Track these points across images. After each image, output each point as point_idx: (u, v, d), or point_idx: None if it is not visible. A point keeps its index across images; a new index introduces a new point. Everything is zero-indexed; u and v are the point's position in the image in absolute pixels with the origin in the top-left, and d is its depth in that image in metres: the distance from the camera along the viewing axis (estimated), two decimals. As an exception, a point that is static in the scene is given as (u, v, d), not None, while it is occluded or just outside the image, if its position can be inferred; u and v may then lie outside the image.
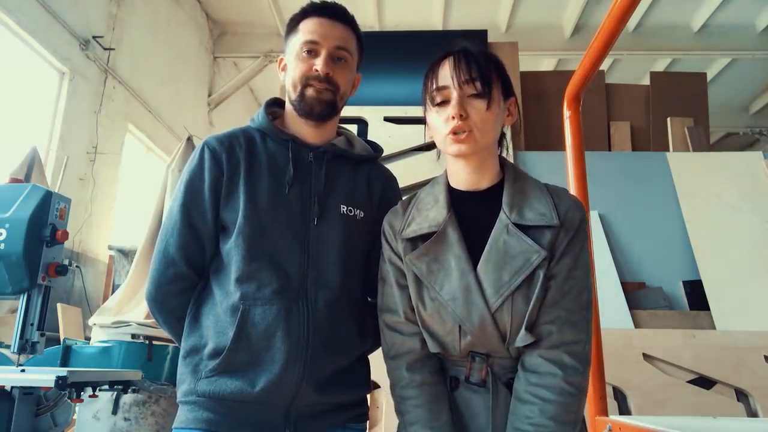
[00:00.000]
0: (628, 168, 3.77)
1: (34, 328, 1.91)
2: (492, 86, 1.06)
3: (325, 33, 1.21)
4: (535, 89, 4.23)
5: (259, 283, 1.12)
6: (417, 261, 1.08)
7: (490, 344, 1.05)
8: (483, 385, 1.06)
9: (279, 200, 1.17)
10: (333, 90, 1.21)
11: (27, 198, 1.91)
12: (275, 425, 1.12)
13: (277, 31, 7.82)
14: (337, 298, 1.17)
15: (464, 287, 1.04)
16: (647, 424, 1.43)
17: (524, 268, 1.03)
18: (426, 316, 1.08)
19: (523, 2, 7.23)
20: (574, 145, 2.10)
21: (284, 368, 1.09)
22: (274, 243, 1.15)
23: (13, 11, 4.44)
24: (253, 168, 1.20)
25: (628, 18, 1.62)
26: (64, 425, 2.11)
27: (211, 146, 1.21)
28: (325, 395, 1.14)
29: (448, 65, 1.08)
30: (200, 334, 1.15)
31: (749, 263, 3.24)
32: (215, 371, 1.10)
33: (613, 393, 2.65)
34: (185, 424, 1.12)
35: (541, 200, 1.09)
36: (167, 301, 1.20)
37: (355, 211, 1.24)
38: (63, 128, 5.02)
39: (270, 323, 1.10)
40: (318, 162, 1.24)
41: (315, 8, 1.24)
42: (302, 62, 1.21)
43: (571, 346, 1.03)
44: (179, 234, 1.17)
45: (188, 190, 1.19)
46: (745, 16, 7.28)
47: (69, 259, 4.77)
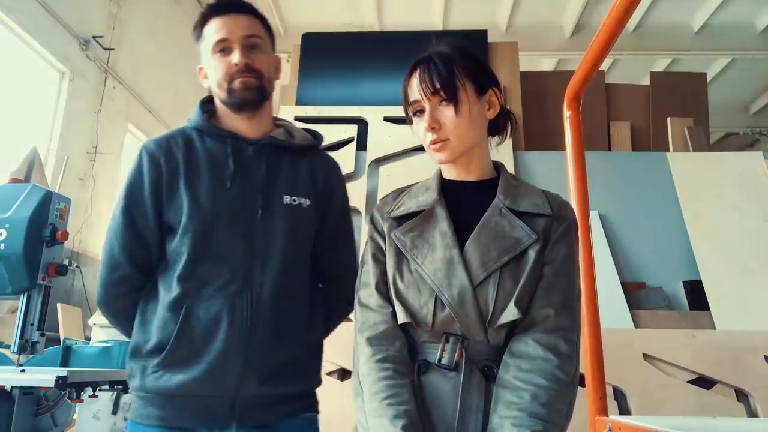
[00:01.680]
0: (628, 168, 3.77)
1: (34, 328, 1.91)
2: (457, 92, 1.06)
3: (230, 28, 1.22)
4: (535, 89, 4.23)
5: (204, 280, 1.15)
6: (402, 236, 1.08)
7: (468, 321, 1.00)
8: (455, 369, 0.99)
9: (221, 196, 1.19)
10: (257, 76, 1.23)
11: (27, 198, 1.91)
12: (221, 417, 1.13)
13: (277, 31, 7.82)
14: (283, 288, 1.19)
15: (447, 260, 1.03)
16: (647, 424, 1.43)
17: (514, 248, 1.02)
18: (402, 287, 1.05)
19: (523, 2, 7.23)
20: (574, 145, 2.10)
21: (226, 361, 1.11)
22: (219, 239, 1.17)
23: (13, 11, 4.45)
24: (193, 167, 1.21)
25: (628, 18, 1.62)
26: (64, 425, 2.11)
27: (149, 150, 1.23)
28: (270, 386, 1.16)
29: (415, 78, 1.09)
30: (145, 331, 1.18)
31: (749, 263, 3.24)
32: (160, 366, 1.13)
33: (613, 393, 2.64)
34: (139, 419, 1.15)
35: (534, 195, 1.11)
36: (115, 302, 1.23)
37: (300, 200, 1.25)
38: (63, 128, 5.03)
39: (212, 317, 1.13)
40: (258, 155, 1.25)
41: (212, 10, 1.26)
42: (220, 62, 1.23)
43: (567, 333, 1.01)
44: (122, 237, 1.20)
45: (129, 194, 1.22)
46: (745, 16, 7.28)
47: (69, 259, 4.77)
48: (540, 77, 4.50)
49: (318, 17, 7.57)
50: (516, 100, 4.02)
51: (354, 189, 3.63)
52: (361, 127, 3.87)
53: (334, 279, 1.36)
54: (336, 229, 1.35)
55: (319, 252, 1.31)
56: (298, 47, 4.38)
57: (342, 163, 3.84)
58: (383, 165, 3.71)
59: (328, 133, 3.87)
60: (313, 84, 4.20)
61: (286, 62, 7.38)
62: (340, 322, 1.41)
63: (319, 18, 7.57)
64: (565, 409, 0.97)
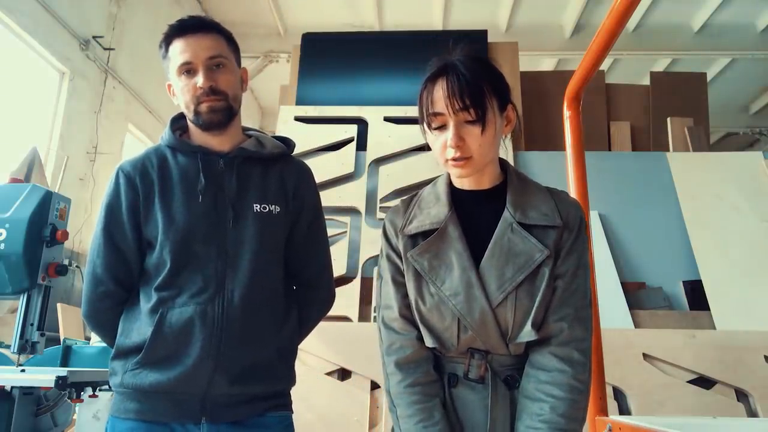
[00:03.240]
0: (628, 168, 3.77)
1: (34, 328, 1.91)
2: (486, 110, 1.04)
3: (193, 50, 1.25)
4: (535, 89, 4.23)
5: (179, 289, 1.22)
6: (419, 257, 1.10)
7: (490, 340, 1.06)
8: (481, 382, 1.07)
9: (194, 211, 1.25)
10: (223, 98, 1.27)
11: (27, 198, 1.91)
12: (192, 413, 1.20)
13: (277, 31, 7.82)
14: (253, 293, 1.24)
15: (466, 283, 1.06)
16: (647, 424, 1.43)
17: (527, 265, 1.05)
18: (425, 311, 1.09)
19: (523, 2, 7.23)
20: (574, 145, 2.10)
21: (197, 361, 1.18)
22: (194, 251, 1.23)
23: (13, 11, 4.45)
24: (167, 184, 1.27)
25: (628, 18, 1.62)
26: (64, 425, 2.11)
27: (125, 171, 1.29)
28: (239, 386, 1.22)
29: (441, 88, 1.05)
30: (127, 335, 1.25)
31: (749, 263, 3.24)
32: (138, 365, 1.20)
33: (613, 393, 2.65)
34: (118, 413, 1.23)
35: (543, 201, 1.11)
36: (99, 316, 1.30)
37: (270, 207, 1.30)
38: (63, 128, 5.03)
39: (185, 322, 1.19)
40: (229, 168, 1.30)
41: (175, 30, 1.28)
42: (185, 84, 1.26)
43: (580, 343, 1.06)
44: (104, 255, 1.27)
45: (108, 214, 1.28)
46: (745, 16, 7.29)
47: (69, 259, 4.77)
48: (540, 77, 4.51)
49: (318, 17, 7.57)
50: (516, 100, 4.01)
51: (354, 189, 3.63)
52: (361, 127, 3.87)
53: (307, 282, 1.41)
54: (308, 234, 1.39)
55: (291, 256, 1.36)
56: (298, 47, 4.38)
57: (342, 163, 3.87)
58: (383, 165, 3.72)
59: (328, 133, 3.90)
60: (313, 84, 4.21)
61: (286, 62, 7.39)
62: (316, 324, 1.45)
63: (319, 18, 7.57)
64: (582, 413, 1.05)
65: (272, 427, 1.27)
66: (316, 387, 2.70)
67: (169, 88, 1.34)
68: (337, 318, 3.07)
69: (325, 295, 1.43)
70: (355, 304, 3.16)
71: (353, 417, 2.64)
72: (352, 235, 3.47)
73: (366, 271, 3.33)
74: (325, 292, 1.43)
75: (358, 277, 3.29)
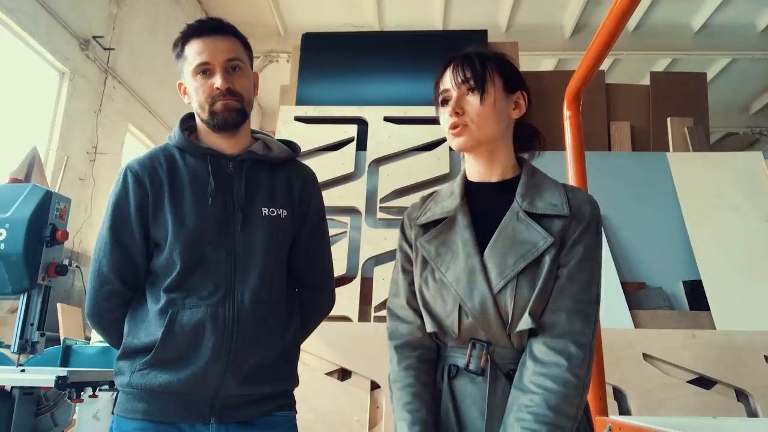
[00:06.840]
0: (628, 168, 3.77)
1: (34, 328, 1.91)
2: (486, 82, 1.11)
3: (211, 51, 1.26)
4: (535, 89, 4.16)
5: (189, 291, 1.22)
6: (427, 244, 1.13)
7: (491, 329, 1.05)
8: (481, 374, 1.05)
9: (204, 214, 1.25)
10: (238, 99, 1.28)
11: (27, 198, 1.91)
12: (201, 414, 1.21)
13: (277, 30, 7.83)
14: (261, 296, 1.25)
15: (469, 269, 1.06)
16: (647, 424, 1.43)
17: (530, 253, 1.04)
18: (428, 296, 1.11)
19: (523, 2, 7.24)
20: (574, 145, 2.10)
21: (209, 363, 1.19)
22: (203, 254, 1.24)
23: (13, 11, 4.45)
24: (176, 186, 1.27)
25: (628, 18, 1.62)
26: (64, 425, 2.11)
27: (134, 170, 1.28)
28: (248, 387, 1.23)
29: (450, 69, 1.14)
30: (135, 335, 1.25)
31: (749, 263, 3.24)
32: (147, 365, 1.20)
33: (613, 393, 2.65)
34: (124, 413, 1.22)
35: (554, 193, 1.12)
36: (104, 315, 1.29)
37: (278, 211, 1.31)
38: (63, 128, 5.03)
39: (196, 323, 1.20)
40: (238, 171, 1.31)
41: (194, 30, 1.28)
42: (201, 85, 1.26)
43: (578, 336, 1.03)
44: (110, 254, 1.26)
45: (115, 213, 1.28)
46: (745, 16, 7.29)
47: (69, 259, 4.77)
48: (540, 77, 4.50)
49: (318, 17, 7.57)
50: (516, 100, 4.02)
51: (354, 189, 3.63)
52: (361, 127, 3.87)
53: (309, 286, 1.42)
54: (312, 238, 1.40)
55: (295, 260, 1.37)
56: (298, 47, 4.37)
57: (342, 163, 3.87)
58: (383, 165, 3.71)
59: (328, 133, 3.90)
60: (313, 84, 4.20)
61: (286, 62, 7.39)
62: (317, 326, 1.47)
63: (319, 18, 7.57)
64: (574, 410, 1.00)
65: (279, 426, 1.28)
66: (316, 387, 2.70)
67: (179, 87, 1.34)
68: (337, 318, 3.07)
69: (326, 299, 1.45)
70: (355, 304, 3.16)
71: (353, 417, 2.64)
72: (352, 235, 3.46)
73: (366, 271, 3.33)
74: (327, 297, 1.45)
75: (358, 277, 3.29)
